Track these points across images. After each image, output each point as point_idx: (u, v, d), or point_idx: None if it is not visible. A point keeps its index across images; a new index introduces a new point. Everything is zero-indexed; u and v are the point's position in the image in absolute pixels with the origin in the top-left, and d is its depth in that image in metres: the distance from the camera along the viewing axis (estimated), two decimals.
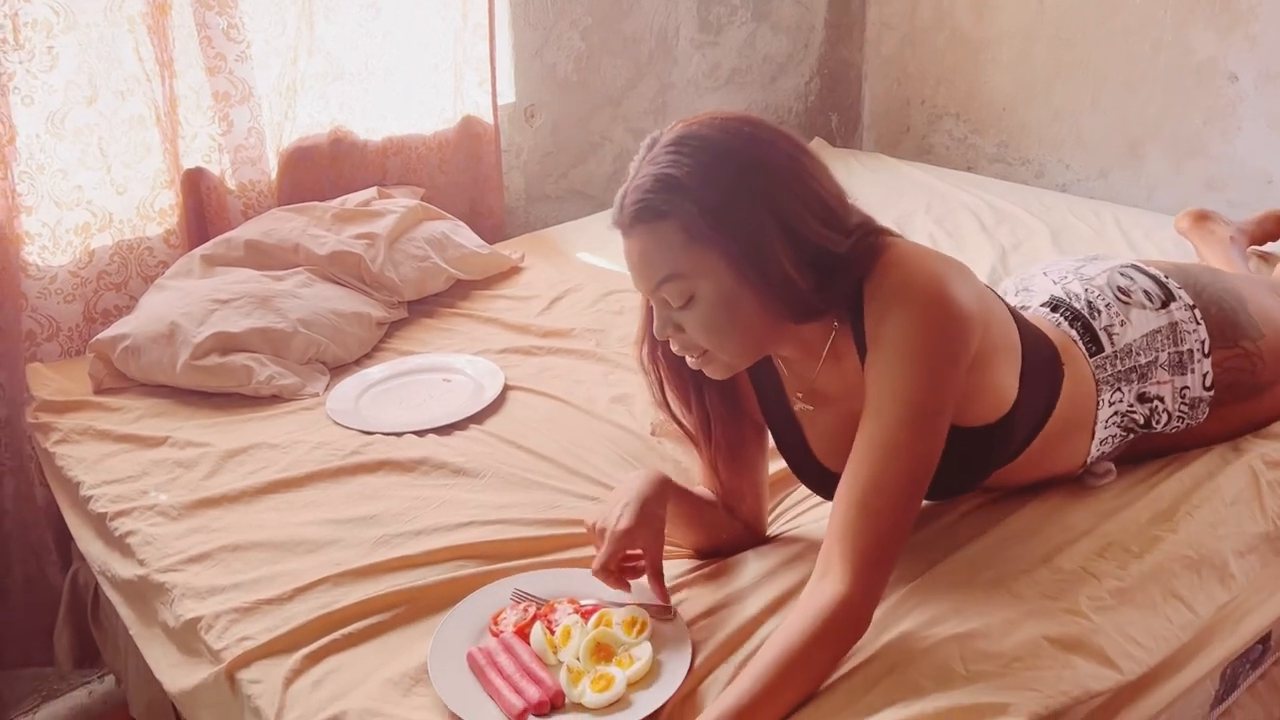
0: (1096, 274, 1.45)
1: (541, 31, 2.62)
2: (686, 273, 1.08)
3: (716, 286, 1.08)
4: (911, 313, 1.07)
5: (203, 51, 2.02)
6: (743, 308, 1.09)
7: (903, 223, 2.44)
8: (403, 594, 1.28)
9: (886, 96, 3.40)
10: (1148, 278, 1.45)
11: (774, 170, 1.08)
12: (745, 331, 1.12)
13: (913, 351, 1.07)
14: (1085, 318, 1.37)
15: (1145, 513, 1.33)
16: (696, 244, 1.07)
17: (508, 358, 1.92)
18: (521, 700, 1.10)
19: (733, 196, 1.06)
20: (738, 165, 1.07)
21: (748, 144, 1.08)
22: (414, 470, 1.55)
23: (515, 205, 2.70)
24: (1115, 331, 1.37)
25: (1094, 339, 1.36)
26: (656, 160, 1.08)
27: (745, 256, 1.06)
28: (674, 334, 1.14)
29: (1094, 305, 1.39)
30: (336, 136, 2.26)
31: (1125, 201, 2.78)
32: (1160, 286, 1.43)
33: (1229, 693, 1.40)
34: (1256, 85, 2.57)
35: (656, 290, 1.11)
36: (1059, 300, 1.41)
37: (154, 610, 1.38)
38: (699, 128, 1.09)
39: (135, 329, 1.82)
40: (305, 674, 1.18)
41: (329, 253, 2.04)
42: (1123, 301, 1.40)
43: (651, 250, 1.09)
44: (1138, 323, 1.38)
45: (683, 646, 1.16)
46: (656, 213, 1.07)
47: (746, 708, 0.99)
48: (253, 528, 1.44)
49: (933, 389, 1.07)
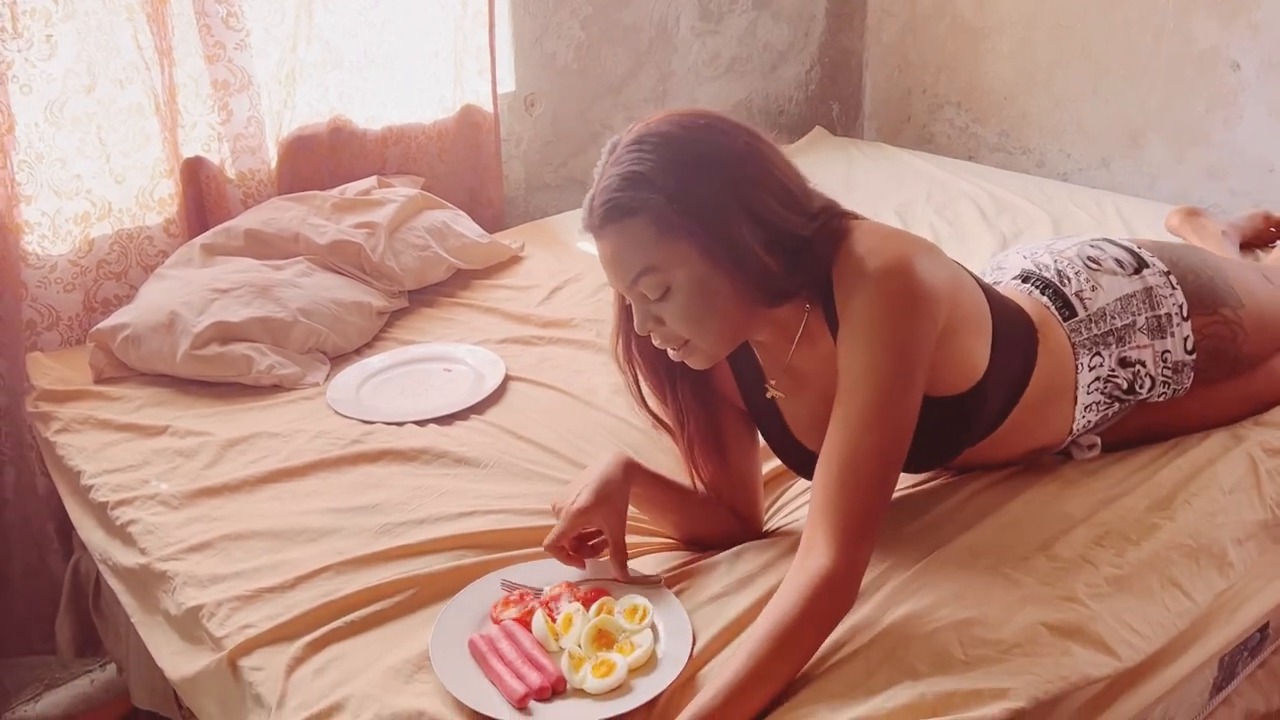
0: (1066, 247, 1.48)
1: (541, 20, 2.62)
2: (660, 264, 1.11)
3: (691, 275, 1.11)
4: (878, 290, 1.10)
5: (202, 39, 2.02)
6: (718, 294, 1.12)
7: (904, 212, 2.44)
8: (405, 582, 1.28)
9: (887, 85, 3.39)
10: (1118, 247, 1.47)
11: (734, 157, 1.11)
12: (723, 318, 1.14)
13: (880, 328, 1.10)
14: (1056, 285, 1.40)
15: (1143, 500, 1.33)
16: (667, 235, 1.09)
17: (508, 347, 1.92)
18: (523, 685, 1.10)
19: (698, 185, 1.09)
20: (699, 155, 1.10)
21: (706, 134, 1.12)
22: (415, 460, 1.55)
23: (515, 194, 2.70)
24: (1087, 296, 1.39)
25: (1066, 304, 1.38)
26: (620, 160, 1.11)
27: (716, 242, 1.09)
28: (655, 327, 1.16)
29: (1063, 274, 1.42)
30: (336, 125, 2.26)
31: (1127, 191, 2.77)
32: (1132, 255, 1.46)
33: (1228, 680, 1.41)
34: (1258, 73, 2.57)
35: (633, 285, 1.13)
36: (1029, 272, 1.44)
37: (155, 599, 1.38)
38: (657, 125, 1.12)
39: (135, 318, 1.82)
40: (307, 661, 1.19)
41: (329, 242, 2.03)
42: (1092, 269, 1.42)
43: (624, 247, 1.12)
44: (1109, 287, 1.40)
45: (683, 633, 1.16)
46: (625, 209, 1.10)
47: (740, 685, 1.01)
48: (254, 517, 1.44)
49: (901, 363, 1.10)
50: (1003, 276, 1.49)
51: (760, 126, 1.18)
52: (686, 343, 1.16)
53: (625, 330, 1.26)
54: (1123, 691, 1.16)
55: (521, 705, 1.09)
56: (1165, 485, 1.36)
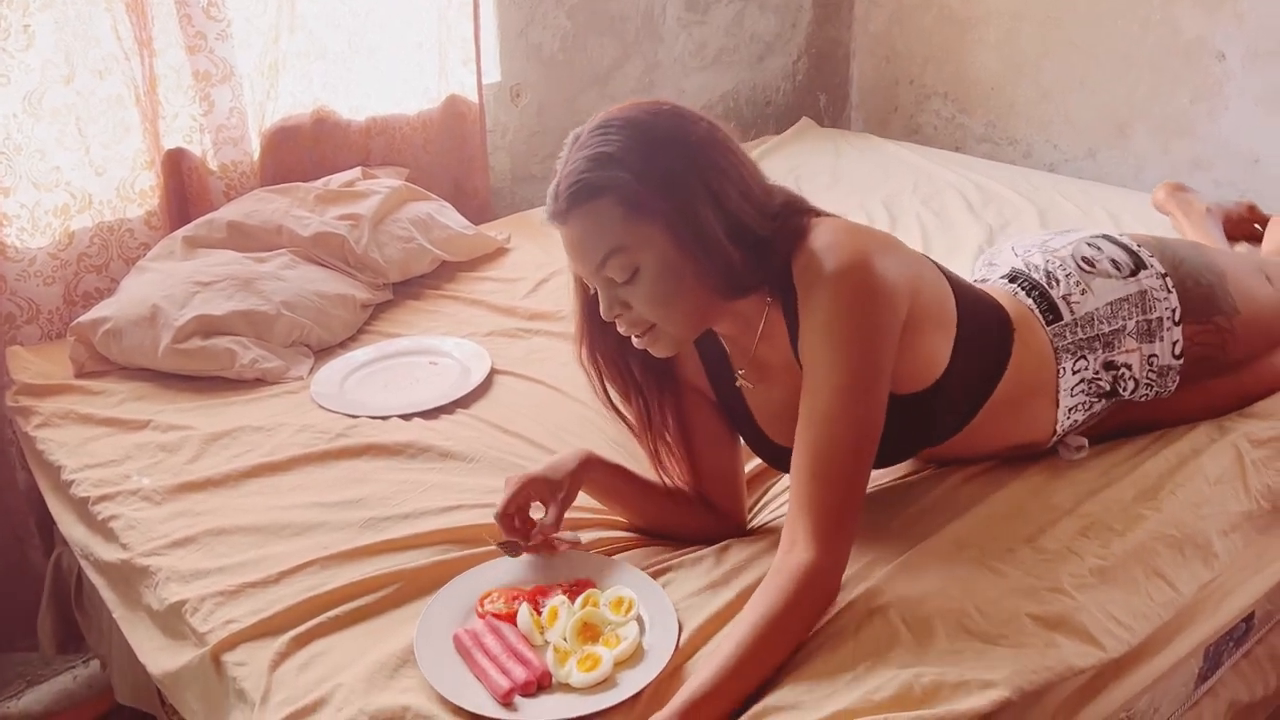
0: (1061, 246, 1.47)
1: (527, 10, 2.60)
2: (629, 245, 1.11)
3: (659, 256, 1.11)
4: (836, 287, 1.11)
5: (182, 30, 2.00)
6: (685, 277, 1.13)
7: (890, 203, 2.44)
8: (390, 577, 1.28)
9: (875, 76, 3.39)
10: (1118, 247, 1.46)
11: (698, 143, 1.13)
12: (689, 301, 1.15)
13: (841, 324, 1.11)
14: (1043, 287, 1.39)
15: (1129, 491, 1.33)
16: (635, 215, 1.10)
17: (494, 340, 1.91)
18: (508, 680, 1.10)
19: (665, 164, 1.10)
20: (665, 138, 1.12)
21: (670, 120, 1.14)
22: (400, 454, 1.55)
23: (501, 186, 2.68)
24: (1075, 300, 1.38)
25: (1051, 307, 1.37)
26: (585, 145, 1.12)
27: (683, 223, 1.10)
28: (621, 312, 1.16)
29: (1053, 275, 1.41)
30: (320, 116, 2.24)
31: (1113, 181, 2.78)
32: (1130, 255, 1.45)
33: (1213, 670, 1.41)
34: (1244, 64, 2.57)
35: (600, 268, 1.13)
36: (1018, 272, 1.44)
37: (138, 594, 1.37)
38: (620, 111, 1.14)
39: (116, 312, 1.81)
40: (292, 656, 1.18)
41: (312, 234, 2.02)
42: (1085, 271, 1.41)
43: (592, 229, 1.12)
44: (1100, 291, 1.39)
45: (669, 624, 1.16)
46: (593, 190, 1.10)
47: (726, 676, 1.02)
48: (237, 511, 1.43)
49: (865, 358, 1.11)
50: (993, 274, 1.48)
51: (722, 119, 1.19)
52: (652, 327, 1.17)
53: (589, 331, 1.27)
54: (1109, 682, 1.16)
55: (506, 700, 1.09)
56: (1150, 476, 1.36)
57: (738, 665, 1.03)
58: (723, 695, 1.02)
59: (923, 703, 1.01)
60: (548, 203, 1.15)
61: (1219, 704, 1.43)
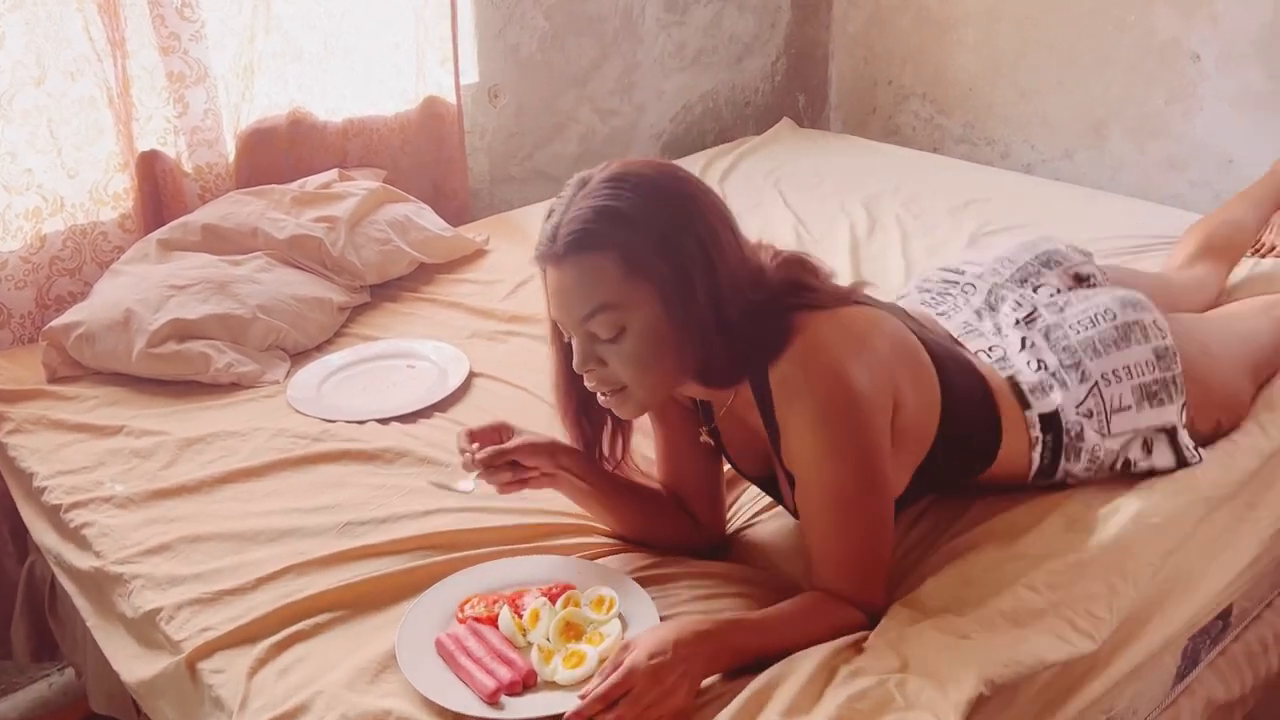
0: (1132, 428, 1.34)
1: (504, 10, 2.59)
2: (621, 304, 1.09)
3: (647, 320, 1.10)
4: (819, 411, 1.10)
5: (155, 31, 1.98)
6: (667, 345, 1.12)
7: (870, 204, 2.44)
8: (368, 582, 1.27)
9: (854, 76, 3.39)
10: (1171, 453, 1.37)
11: (708, 218, 1.11)
12: (665, 372, 1.14)
13: (829, 445, 1.11)
14: (1060, 454, 1.32)
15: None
16: (633, 276, 1.08)
17: (473, 343, 1.90)
18: (494, 680, 1.10)
19: (673, 230, 1.09)
20: (677, 202, 1.10)
21: (684, 188, 1.12)
22: (377, 459, 1.54)
23: (479, 187, 2.67)
24: (1074, 476, 1.34)
25: (1049, 473, 1.33)
26: (595, 194, 1.10)
27: (677, 290, 1.09)
28: (595, 367, 1.14)
29: (1078, 455, 1.32)
30: (296, 118, 2.23)
31: (1089, 182, 2.79)
32: (1177, 462, 1.37)
33: (1190, 669, 1.42)
34: (1218, 65, 2.59)
35: (586, 321, 1.11)
36: (1055, 424, 1.32)
37: (111, 602, 1.36)
38: (636, 168, 1.12)
39: (90, 316, 1.79)
40: (270, 663, 1.18)
41: (288, 236, 2.00)
42: (1111, 470, 1.35)
43: (586, 281, 1.09)
44: (1112, 437, 1.34)
45: (651, 622, 1.16)
46: (597, 242, 1.08)
47: (767, 626, 1.11)
48: (213, 518, 1.42)
49: (861, 469, 1.12)
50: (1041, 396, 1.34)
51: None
52: (623, 388, 1.15)
53: (565, 379, 1.25)
54: (1086, 678, 1.17)
55: (493, 700, 1.09)
56: None
57: (779, 625, 1.11)
58: (758, 634, 1.10)
59: (894, 702, 1.01)
60: (541, 241, 1.13)
61: (1196, 703, 1.44)
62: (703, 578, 1.26)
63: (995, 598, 1.14)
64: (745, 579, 1.26)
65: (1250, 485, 1.39)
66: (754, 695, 1.04)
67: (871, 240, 2.27)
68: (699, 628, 1.07)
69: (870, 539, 1.15)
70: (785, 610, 1.13)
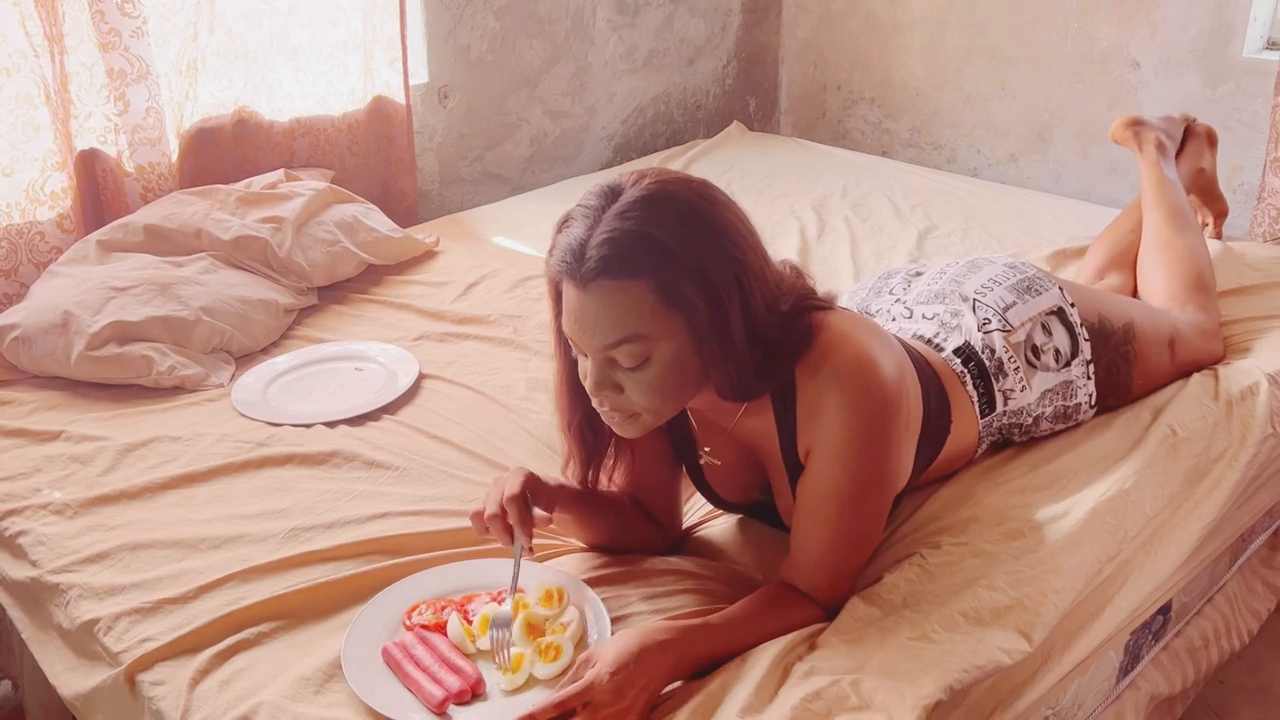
0: (1026, 318, 1.43)
1: (454, 10, 2.57)
2: (650, 334, 1.05)
3: (675, 350, 1.06)
4: (853, 408, 1.10)
5: (95, 26, 1.94)
6: (692, 375, 1.09)
7: (819, 207, 2.46)
8: (313, 589, 1.25)
9: (803, 80, 3.42)
10: (1064, 329, 1.46)
11: (741, 242, 1.07)
12: (685, 397, 1.12)
13: (854, 439, 1.10)
14: (990, 378, 1.38)
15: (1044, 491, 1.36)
16: (666, 306, 1.04)
17: (422, 345, 1.88)
18: (441, 690, 1.08)
19: (710, 263, 1.04)
20: (714, 232, 1.05)
21: (720, 211, 1.07)
22: (324, 463, 1.51)
23: (429, 188, 2.65)
24: (1013, 396, 1.39)
25: (990, 401, 1.38)
26: (629, 215, 1.03)
27: (710, 325, 1.05)
28: (610, 393, 1.09)
29: (1004, 367, 1.38)
30: (241, 117, 2.19)
31: (1034, 186, 2.84)
32: (1072, 340, 1.46)
33: (1133, 664, 1.45)
34: (1157, 72, 2.65)
35: (609, 348, 1.06)
36: (972, 352, 1.39)
37: (48, 613, 1.32)
38: (673, 188, 1.06)
39: (26, 318, 1.74)
40: (212, 673, 1.15)
41: (233, 237, 1.97)
42: (1031, 364, 1.41)
43: (616, 307, 1.04)
44: (1037, 385, 1.42)
45: (600, 617, 1.17)
46: (631, 269, 1.02)
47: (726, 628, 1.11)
48: (154, 525, 1.39)
49: (875, 468, 1.13)
50: (946, 336, 1.42)
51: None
52: (637, 414, 1.11)
53: (571, 395, 1.20)
54: (1033, 674, 1.18)
55: (440, 710, 1.07)
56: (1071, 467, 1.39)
57: (739, 626, 1.11)
58: (719, 639, 1.10)
59: (851, 704, 1.01)
60: (563, 255, 1.05)
61: (1140, 697, 1.46)
62: (656, 575, 1.25)
63: (955, 596, 1.15)
64: (696, 574, 1.26)
65: (1187, 483, 1.42)
66: (709, 696, 1.04)
67: (821, 242, 2.29)
68: (661, 637, 1.06)
69: (861, 536, 1.15)
70: (745, 610, 1.13)
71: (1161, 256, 1.77)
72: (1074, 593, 1.20)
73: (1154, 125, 1.97)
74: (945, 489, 1.36)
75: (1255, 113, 2.53)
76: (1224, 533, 1.53)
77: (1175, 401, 1.51)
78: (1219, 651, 1.63)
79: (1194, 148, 2.00)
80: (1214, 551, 1.54)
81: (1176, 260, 1.74)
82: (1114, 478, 1.36)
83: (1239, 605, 1.70)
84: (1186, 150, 2.00)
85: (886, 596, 1.16)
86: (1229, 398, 1.52)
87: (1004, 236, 2.27)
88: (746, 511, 1.37)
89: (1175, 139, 1.99)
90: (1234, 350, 1.69)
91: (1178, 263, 1.74)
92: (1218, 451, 1.45)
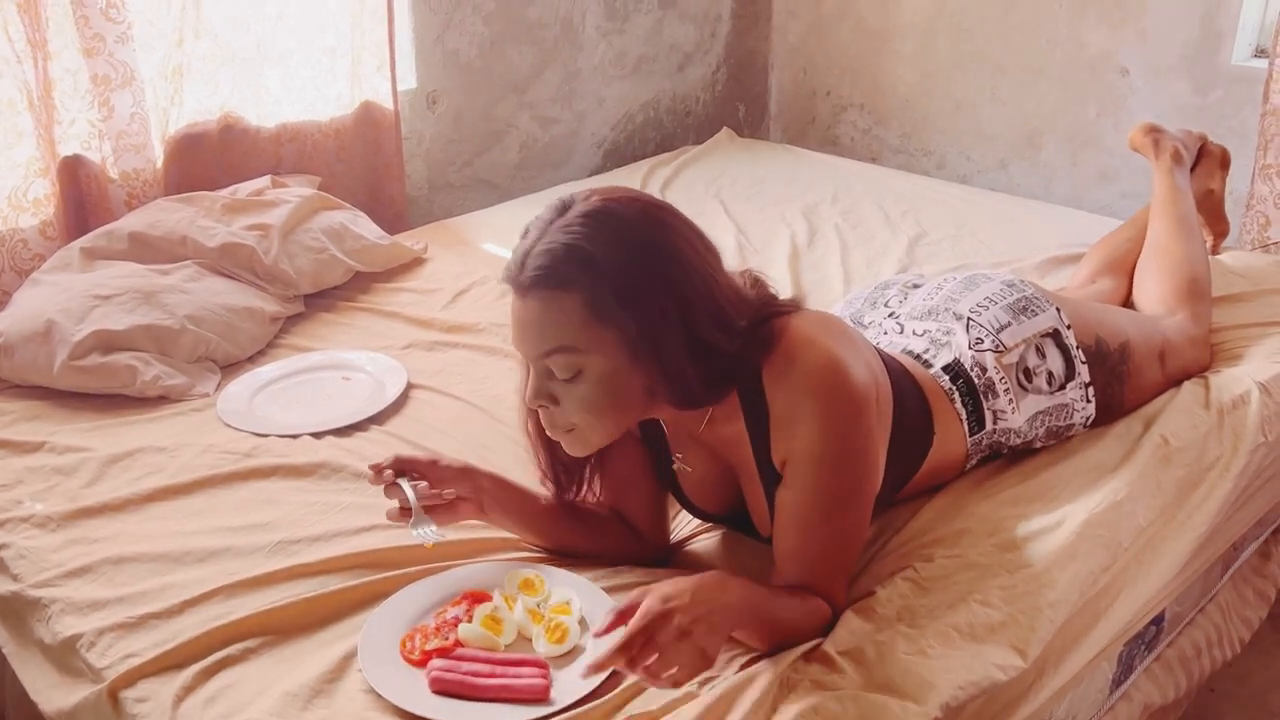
0: (1021, 339, 1.42)
1: (443, 16, 2.56)
2: (581, 347, 1.07)
3: (607, 365, 1.08)
4: (822, 409, 1.10)
5: (79, 32, 1.92)
6: (627, 389, 1.10)
7: (809, 213, 2.45)
8: (300, 604, 1.23)
9: (793, 87, 3.42)
10: (1059, 352, 1.45)
11: (684, 265, 1.08)
12: (622, 413, 1.13)
13: (828, 442, 1.10)
14: (979, 395, 1.37)
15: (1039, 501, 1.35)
16: (596, 321, 1.06)
17: (410, 354, 1.86)
18: (540, 676, 1.11)
19: (644, 284, 1.06)
20: (653, 252, 1.07)
21: (664, 233, 1.08)
22: (311, 474, 1.50)
23: (417, 194, 2.63)
24: (1003, 415, 1.39)
25: (980, 420, 1.37)
26: (571, 229, 1.06)
27: (644, 341, 1.06)
28: (547, 404, 1.12)
29: (995, 387, 1.38)
30: (227, 123, 2.17)
31: (1023, 192, 2.84)
32: (1067, 364, 1.44)
33: (1126, 675, 1.45)
34: (1146, 79, 2.65)
35: (543, 358, 1.09)
36: (961, 369, 1.38)
37: (29, 628, 1.30)
38: (618, 206, 1.08)
39: (8, 327, 1.73)
40: (197, 690, 1.13)
41: (219, 245, 1.95)
42: (1022, 387, 1.40)
43: (548, 318, 1.07)
44: (1027, 408, 1.40)
45: (583, 587, 1.20)
46: (562, 281, 1.05)
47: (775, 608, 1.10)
48: (138, 538, 1.37)
49: (855, 472, 1.13)
50: (936, 353, 1.41)
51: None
52: (574, 429, 1.13)
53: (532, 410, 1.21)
54: (1027, 688, 1.17)
55: (545, 695, 1.09)
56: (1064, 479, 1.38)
57: (775, 594, 1.10)
58: (765, 597, 1.09)
59: None
60: (511, 265, 1.09)
61: (1134, 708, 1.46)
62: (629, 588, 1.24)
63: (950, 610, 1.14)
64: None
65: (1180, 492, 1.42)
66: (709, 709, 1.03)
67: (812, 250, 2.28)
68: (717, 577, 1.05)
69: (848, 539, 1.15)
70: (775, 586, 1.13)
71: (1159, 262, 1.77)
72: (1068, 607, 1.19)
73: (1173, 135, 1.97)
74: (937, 500, 1.35)
75: (1244, 120, 2.53)
76: (1217, 541, 1.52)
77: (1167, 411, 1.51)
78: (1211, 660, 1.63)
79: (1206, 167, 2.00)
80: (1207, 560, 1.53)
81: (1173, 266, 1.74)
82: (1107, 488, 1.35)
83: (1231, 614, 1.69)
84: (1198, 169, 2.00)
85: (880, 610, 1.15)
86: (1220, 406, 1.52)
87: (994, 243, 2.26)
88: (726, 523, 1.36)
89: (1192, 153, 1.98)
90: (1224, 358, 1.69)
91: (1174, 269, 1.74)
92: (1210, 460, 1.45)
